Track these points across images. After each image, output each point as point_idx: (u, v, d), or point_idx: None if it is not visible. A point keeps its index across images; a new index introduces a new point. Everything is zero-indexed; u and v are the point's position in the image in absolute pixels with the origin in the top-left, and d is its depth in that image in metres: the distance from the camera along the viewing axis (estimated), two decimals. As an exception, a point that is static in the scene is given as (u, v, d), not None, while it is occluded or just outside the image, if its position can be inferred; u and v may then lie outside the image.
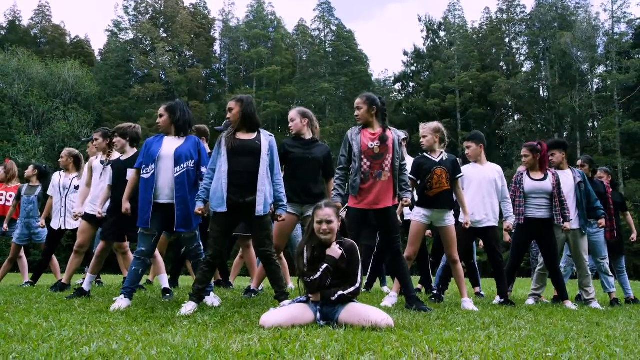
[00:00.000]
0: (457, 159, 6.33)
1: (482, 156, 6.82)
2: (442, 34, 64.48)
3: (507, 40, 62.10)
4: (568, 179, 7.37)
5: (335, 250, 4.29)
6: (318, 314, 4.23)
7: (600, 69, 54.38)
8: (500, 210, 6.82)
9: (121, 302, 5.25)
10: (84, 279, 6.78)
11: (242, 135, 5.27)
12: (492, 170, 6.83)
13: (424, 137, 6.20)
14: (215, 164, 5.23)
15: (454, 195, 6.18)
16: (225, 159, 5.14)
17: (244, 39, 64.89)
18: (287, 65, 62.54)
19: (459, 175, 6.19)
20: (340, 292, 4.20)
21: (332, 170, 6.14)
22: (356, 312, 4.14)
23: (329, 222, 4.33)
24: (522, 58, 60.94)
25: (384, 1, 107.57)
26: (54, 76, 50.64)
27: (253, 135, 5.29)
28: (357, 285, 4.29)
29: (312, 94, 57.45)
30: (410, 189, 5.75)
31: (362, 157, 5.49)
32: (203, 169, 5.50)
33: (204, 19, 67.93)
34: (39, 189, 9.01)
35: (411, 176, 5.99)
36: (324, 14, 65.32)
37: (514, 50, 61.73)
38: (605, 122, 49.85)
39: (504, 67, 61.07)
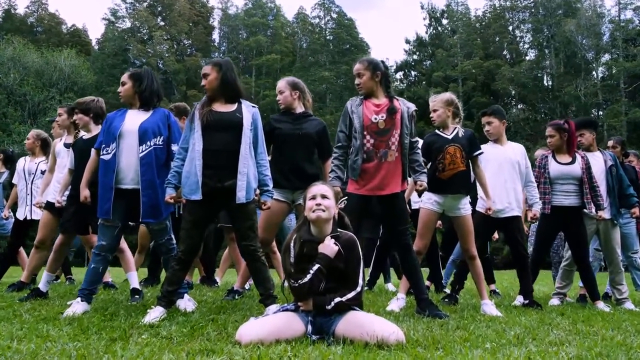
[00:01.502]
0: (473, 132, 5.41)
1: (503, 135, 5.92)
2: (444, 21, 63.85)
3: (510, 28, 61.38)
4: (598, 162, 6.49)
5: (329, 247, 3.40)
6: (309, 326, 3.34)
7: (606, 57, 53.49)
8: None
9: (76, 307, 4.39)
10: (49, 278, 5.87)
11: (220, 107, 4.36)
12: (514, 151, 5.88)
13: (435, 111, 5.27)
14: (188, 142, 4.33)
15: (471, 177, 5.27)
16: (199, 136, 4.23)
17: (243, 27, 64.22)
18: (287, 53, 61.75)
19: (477, 152, 5.24)
20: (337, 299, 3.32)
21: (328, 149, 5.21)
22: (358, 323, 3.23)
23: (325, 196, 3.47)
24: (526, 46, 60.17)
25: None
26: (50, 65, 49.89)
27: (233, 107, 4.38)
28: (359, 289, 3.40)
29: (312, 83, 56.50)
30: (425, 170, 4.84)
31: (365, 133, 4.56)
32: (174, 147, 4.60)
33: (203, 7, 67.11)
34: (4, 175, 8.15)
35: (423, 158, 5.06)
36: (324, 1, 64.39)
37: (518, 38, 60.95)
38: (611, 110, 48.97)
39: (507, 56, 60.34)
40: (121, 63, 59.35)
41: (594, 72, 53.15)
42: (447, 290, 7.03)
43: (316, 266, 3.34)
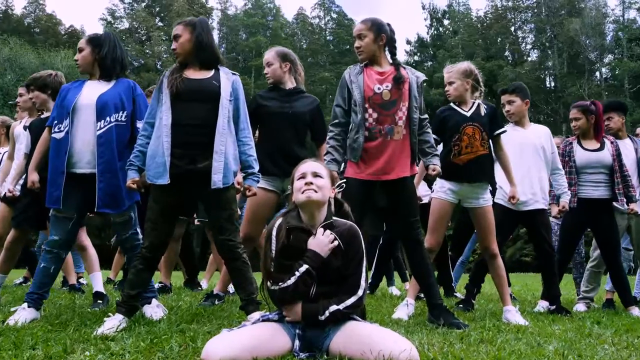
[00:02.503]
0: (496, 107, 4.65)
1: (526, 116, 5.16)
2: (446, 22, 63.39)
3: (512, 28, 60.79)
4: (629, 150, 5.77)
5: (322, 242, 2.64)
6: (297, 341, 2.59)
7: (610, 57, 52.90)
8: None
9: (22, 314, 3.66)
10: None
11: (193, 74, 3.63)
12: (538, 133, 5.12)
13: (451, 83, 4.48)
14: (155, 117, 3.59)
15: (494, 162, 4.53)
16: (167, 108, 3.49)
17: (242, 27, 63.90)
18: (287, 54, 61.26)
19: (499, 131, 4.48)
20: (333, 307, 2.57)
21: (323, 130, 4.46)
22: (359, 337, 2.49)
23: (317, 174, 2.74)
24: (529, 47, 59.60)
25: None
26: (47, 66, 48.84)
27: (209, 74, 3.66)
28: (360, 293, 2.64)
29: (312, 83, 55.94)
30: (438, 152, 4.08)
31: (366, 106, 3.79)
32: (139, 124, 3.86)
33: (202, 7, 66.47)
34: None
35: (434, 136, 4.30)
36: (324, 1, 63.98)
37: (520, 39, 60.33)
38: (616, 111, 48.33)
39: (509, 57, 59.77)
40: (119, 64, 58.94)
41: (597, 73, 52.54)
42: (458, 294, 6.30)
43: (303, 267, 2.59)
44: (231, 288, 5.51)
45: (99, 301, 4.56)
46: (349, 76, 3.89)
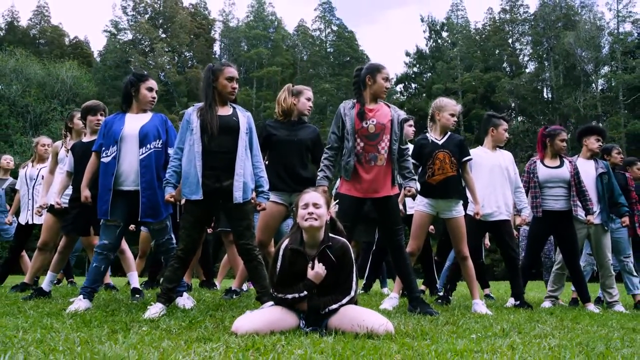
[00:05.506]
0: (464, 138, 5.58)
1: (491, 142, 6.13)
2: (444, 34, 64.07)
3: (510, 40, 61.58)
4: (589, 168, 6.64)
5: (318, 273, 3.48)
6: (302, 321, 3.50)
7: (605, 69, 53.74)
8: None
9: (79, 304, 4.53)
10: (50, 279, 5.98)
11: (220, 111, 4.52)
12: (504, 157, 6.08)
13: (453, 115, 5.45)
14: (184, 143, 4.48)
15: (463, 182, 5.44)
16: (198, 137, 4.37)
17: (244, 39, 64.66)
18: (288, 65, 61.95)
19: (466, 158, 5.41)
20: (333, 307, 3.45)
21: (321, 155, 5.40)
22: (349, 315, 3.38)
23: (316, 205, 3.56)
24: (526, 59, 60.31)
25: (386, 4, 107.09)
26: (52, 76, 50.07)
27: (230, 111, 4.56)
28: (352, 294, 3.51)
29: (313, 94, 56.56)
30: (415, 177, 4.97)
31: (356, 136, 4.72)
32: (170, 151, 4.75)
33: (204, 19, 67.45)
34: (7, 182, 8.28)
35: (414, 160, 5.23)
36: (324, 13, 64.88)
37: (517, 51, 61.09)
38: (611, 122, 49.08)
39: (507, 68, 60.51)
40: (123, 75, 59.36)
41: (593, 85, 53.27)
42: (441, 293, 7.17)
43: (303, 293, 3.45)
44: (245, 286, 6.39)
45: (137, 295, 5.45)
46: (343, 110, 4.80)
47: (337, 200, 4.51)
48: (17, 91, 47.68)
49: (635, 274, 6.99)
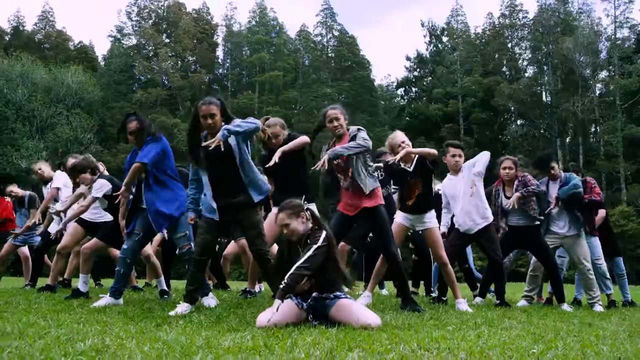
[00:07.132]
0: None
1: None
2: (444, 39, 64.53)
3: (509, 45, 62.02)
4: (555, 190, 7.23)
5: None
6: (310, 316, 4.31)
7: (603, 74, 54.40)
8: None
9: (109, 300, 5.53)
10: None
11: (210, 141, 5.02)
12: (464, 175, 6.52)
13: (404, 142, 6.00)
14: (196, 174, 5.32)
15: (431, 193, 6.27)
16: (203, 169, 5.19)
17: (246, 44, 65.21)
18: (290, 70, 62.59)
19: (429, 173, 6.06)
20: (335, 294, 4.33)
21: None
22: (347, 310, 4.19)
23: (286, 225, 4.38)
24: (525, 63, 60.80)
25: (387, 9, 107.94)
26: (58, 81, 50.74)
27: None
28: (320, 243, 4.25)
29: (314, 99, 57.37)
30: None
31: (336, 172, 5.60)
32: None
33: (207, 24, 68.05)
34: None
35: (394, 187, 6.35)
36: (326, 19, 65.44)
37: (517, 55, 61.61)
38: (608, 127, 49.79)
39: (507, 72, 60.99)
40: (127, 79, 60.56)
41: (591, 89, 53.79)
42: (434, 294, 7.94)
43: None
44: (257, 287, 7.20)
45: (165, 296, 6.26)
46: (324, 148, 5.56)
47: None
48: (24, 96, 48.33)
49: (607, 275, 7.64)
